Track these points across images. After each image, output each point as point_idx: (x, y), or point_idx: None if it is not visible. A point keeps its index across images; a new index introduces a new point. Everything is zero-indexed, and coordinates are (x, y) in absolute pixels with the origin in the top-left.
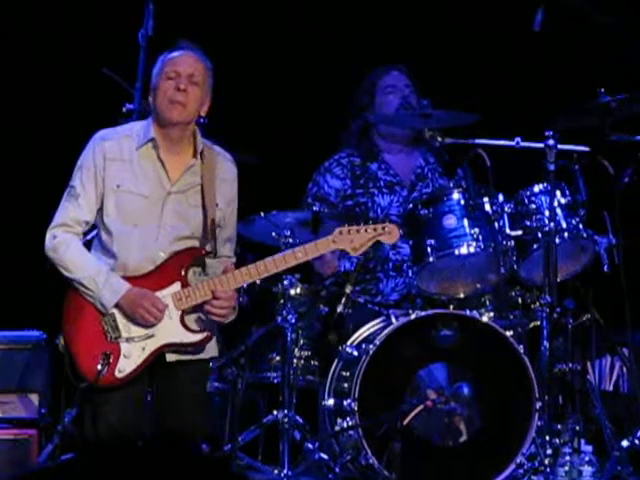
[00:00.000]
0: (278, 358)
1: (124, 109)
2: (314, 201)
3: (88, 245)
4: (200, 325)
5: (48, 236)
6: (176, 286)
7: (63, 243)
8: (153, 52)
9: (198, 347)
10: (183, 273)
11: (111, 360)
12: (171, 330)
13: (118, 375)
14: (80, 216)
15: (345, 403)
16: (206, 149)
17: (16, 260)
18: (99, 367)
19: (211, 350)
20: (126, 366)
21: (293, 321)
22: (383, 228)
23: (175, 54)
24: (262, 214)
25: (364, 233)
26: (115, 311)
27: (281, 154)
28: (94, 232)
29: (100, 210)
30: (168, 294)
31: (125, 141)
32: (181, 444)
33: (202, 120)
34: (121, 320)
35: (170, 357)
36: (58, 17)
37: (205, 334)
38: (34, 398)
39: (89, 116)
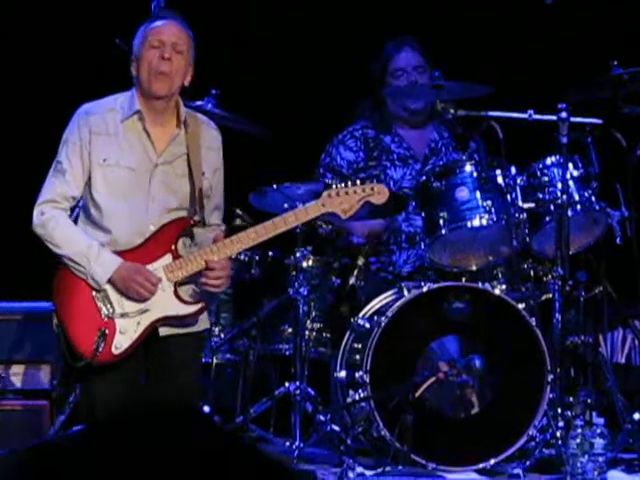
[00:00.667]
0: (290, 330)
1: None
2: (326, 172)
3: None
4: (194, 296)
5: (36, 212)
6: (167, 258)
7: (52, 219)
8: None
9: (193, 319)
10: (173, 245)
11: (107, 337)
12: (165, 303)
13: (115, 352)
14: (68, 192)
15: (357, 375)
16: (190, 118)
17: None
18: (95, 345)
19: (203, 323)
20: (122, 342)
21: (305, 293)
22: (372, 189)
23: (158, 23)
24: (274, 186)
25: (352, 194)
26: (107, 287)
27: (293, 126)
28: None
29: (88, 186)
30: (159, 267)
31: (110, 114)
32: (190, 414)
33: (214, 91)
34: (114, 296)
35: (163, 331)
36: None
37: (200, 305)
38: (46, 369)
39: (100, 87)
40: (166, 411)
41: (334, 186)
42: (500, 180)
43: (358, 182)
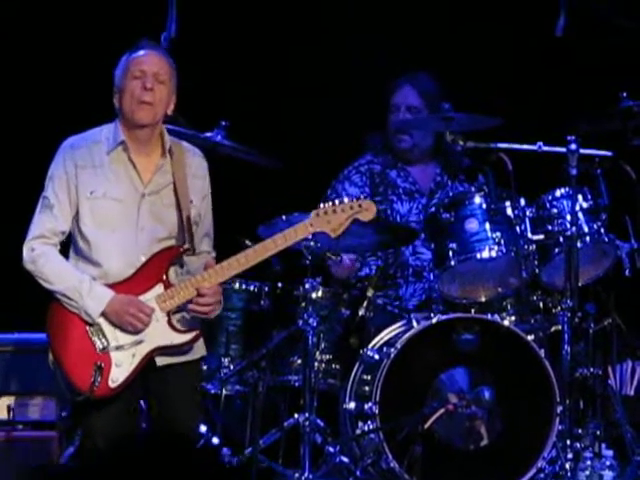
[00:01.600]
0: (299, 361)
1: None
2: None
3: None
4: (188, 324)
5: (25, 249)
6: (159, 288)
7: (42, 255)
8: (175, 54)
9: (188, 347)
10: (164, 274)
11: (103, 371)
12: (159, 333)
13: (112, 385)
14: (57, 227)
15: (366, 406)
16: (174, 146)
17: None
18: (92, 379)
19: (199, 350)
20: (119, 375)
21: (314, 324)
22: (359, 205)
23: (140, 53)
24: (284, 217)
25: (340, 213)
26: (101, 320)
27: (302, 157)
28: None
29: (75, 219)
30: (152, 297)
31: (95, 147)
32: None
33: (224, 123)
34: (108, 329)
35: (160, 361)
36: (81, 17)
37: (194, 333)
38: (54, 400)
39: (111, 116)
40: (167, 446)
41: (322, 205)
42: (509, 212)
43: (346, 200)
